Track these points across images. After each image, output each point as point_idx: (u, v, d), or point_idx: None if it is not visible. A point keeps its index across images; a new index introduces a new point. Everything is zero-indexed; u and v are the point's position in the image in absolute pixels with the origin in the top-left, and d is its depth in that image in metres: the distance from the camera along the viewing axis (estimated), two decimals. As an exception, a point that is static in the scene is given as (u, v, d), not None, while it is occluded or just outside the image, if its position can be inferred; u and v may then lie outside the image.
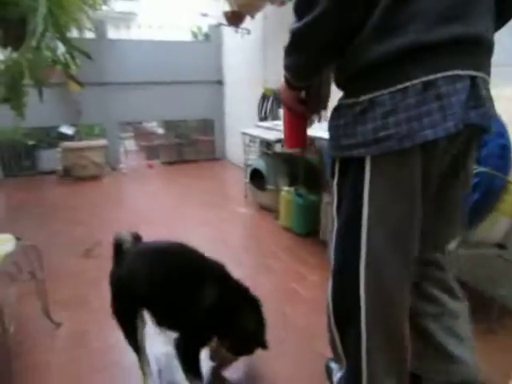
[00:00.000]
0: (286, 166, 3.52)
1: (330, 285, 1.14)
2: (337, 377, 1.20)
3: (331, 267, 1.13)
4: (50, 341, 1.79)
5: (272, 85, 4.17)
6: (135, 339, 1.46)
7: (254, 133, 3.72)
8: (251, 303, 1.48)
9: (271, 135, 3.28)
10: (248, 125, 4.31)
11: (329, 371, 1.50)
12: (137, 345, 1.47)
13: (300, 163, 3.42)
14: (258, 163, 3.68)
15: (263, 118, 4.29)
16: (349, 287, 1.05)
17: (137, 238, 1.59)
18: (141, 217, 3.56)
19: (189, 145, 6.45)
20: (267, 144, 4.19)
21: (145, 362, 1.50)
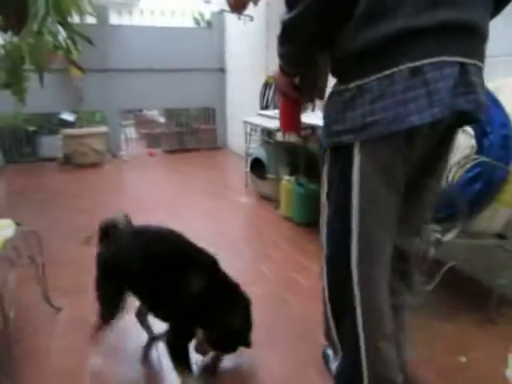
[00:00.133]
0: (287, 155, 3.51)
1: (325, 272, 1.15)
2: (334, 367, 1.21)
3: (324, 254, 1.15)
4: (51, 326, 1.80)
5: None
6: (111, 317, 1.49)
7: (256, 121, 3.70)
8: (240, 301, 1.47)
9: (273, 124, 3.25)
10: (250, 113, 4.28)
11: (325, 358, 1.52)
12: (110, 322, 1.51)
13: (301, 152, 3.40)
14: (259, 152, 3.67)
15: (265, 107, 4.25)
16: (343, 273, 1.07)
17: (128, 222, 1.60)
18: (141, 204, 3.57)
19: (190, 133, 6.42)
20: (268, 133, 4.16)
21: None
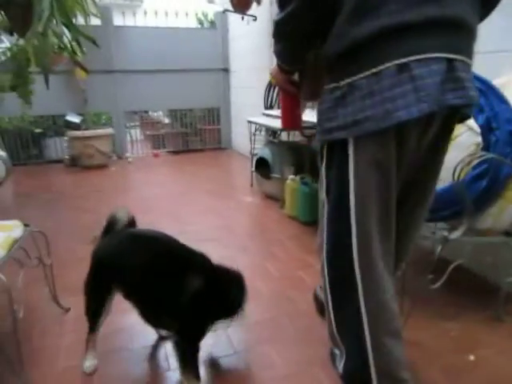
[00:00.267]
0: (292, 155, 3.51)
1: (325, 269, 1.17)
2: (341, 366, 1.21)
3: (323, 251, 1.16)
4: (59, 325, 1.82)
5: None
6: (96, 316, 1.49)
7: (260, 121, 3.70)
8: (236, 282, 1.49)
9: (277, 123, 3.25)
10: (254, 113, 4.29)
11: (333, 357, 1.51)
12: (96, 323, 1.51)
13: (305, 152, 3.41)
14: (264, 152, 3.67)
15: (269, 106, 4.26)
16: (344, 269, 1.09)
17: (131, 223, 1.61)
18: (147, 205, 3.59)
19: (194, 134, 6.43)
20: (273, 132, 4.17)
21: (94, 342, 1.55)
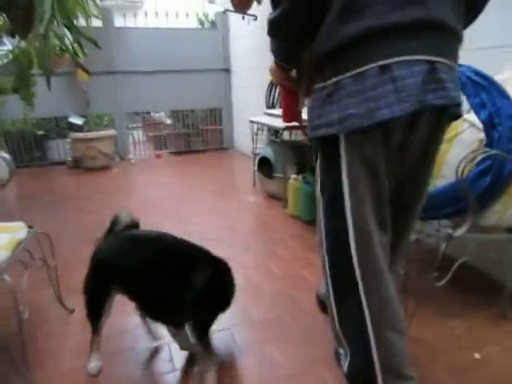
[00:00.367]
0: (294, 154, 3.51)
1: (327, 265, 1.18)
2: (345, 365, 1.21)
3: (323, 247, 1.18)
4: (64, 326, 1.82)
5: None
6: (97, 318, 1.50)
7: (262, 120, 3.70)
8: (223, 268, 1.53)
9: (279, 123, 3.25)
10: (256, 113, 4.29)
11: (338, 356, 1.51)
12: (97, 324, 1.51)
13: (308, 151, 3.40)
14: (266, 151, 3.67)
15: (271, 106, 4.26)
16: (344, 264, 1.11)
17: (134, 225, 1.62)
18: (150, 206, 3.59)
19: (196, 135, 6.44)
20: (275, 132, 4.17)
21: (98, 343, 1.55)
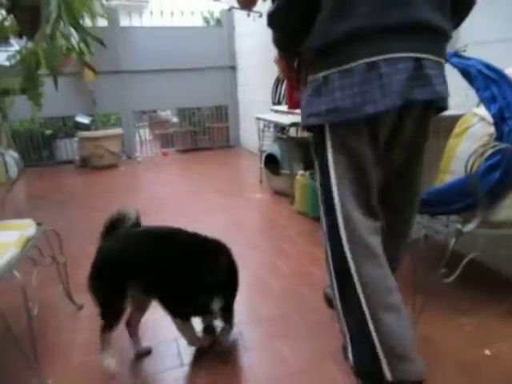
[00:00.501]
0: (301, 151, 3.49)
1: (329, 256, 1.21)
2: (350, 356, 1.23)
3: (325, 237, 1.22)
4: (73, 322, 1.84)
5: (286, 68, 4.12)
6: (116, 316, 1.44)
7: (269, 117, 3.69)
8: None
9: (286, 119, 3.25)
10: (262, 110, 4.28)
11: (345, 351, 1.50)
12: (116, 323, 1.45)
13: (315, 147, 3.38)
14: (273, 148, 3.66)
15: (277, 102, 4.25)
16: (340, 256, 1.16)
17: (137, 223, 1.62)
18: (158, 204, 3.61)
19: (203, 132, 6.45)
20: (281, 129, 4.16)
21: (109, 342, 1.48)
